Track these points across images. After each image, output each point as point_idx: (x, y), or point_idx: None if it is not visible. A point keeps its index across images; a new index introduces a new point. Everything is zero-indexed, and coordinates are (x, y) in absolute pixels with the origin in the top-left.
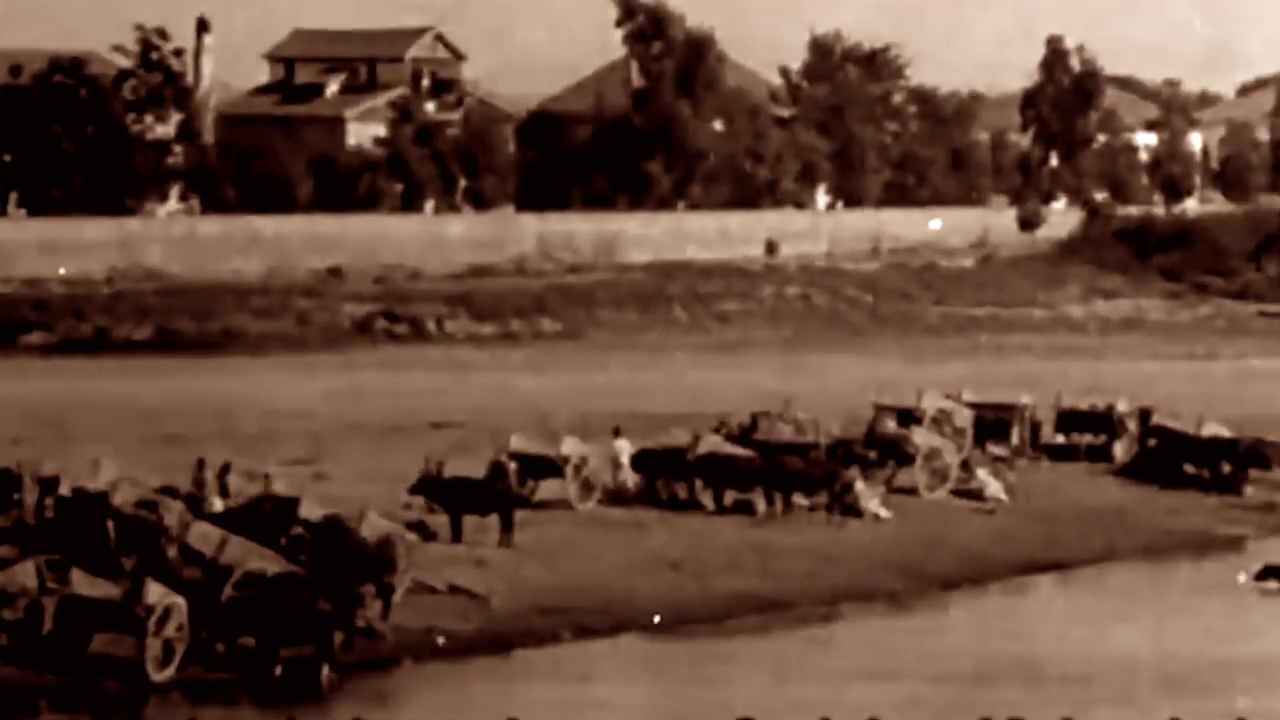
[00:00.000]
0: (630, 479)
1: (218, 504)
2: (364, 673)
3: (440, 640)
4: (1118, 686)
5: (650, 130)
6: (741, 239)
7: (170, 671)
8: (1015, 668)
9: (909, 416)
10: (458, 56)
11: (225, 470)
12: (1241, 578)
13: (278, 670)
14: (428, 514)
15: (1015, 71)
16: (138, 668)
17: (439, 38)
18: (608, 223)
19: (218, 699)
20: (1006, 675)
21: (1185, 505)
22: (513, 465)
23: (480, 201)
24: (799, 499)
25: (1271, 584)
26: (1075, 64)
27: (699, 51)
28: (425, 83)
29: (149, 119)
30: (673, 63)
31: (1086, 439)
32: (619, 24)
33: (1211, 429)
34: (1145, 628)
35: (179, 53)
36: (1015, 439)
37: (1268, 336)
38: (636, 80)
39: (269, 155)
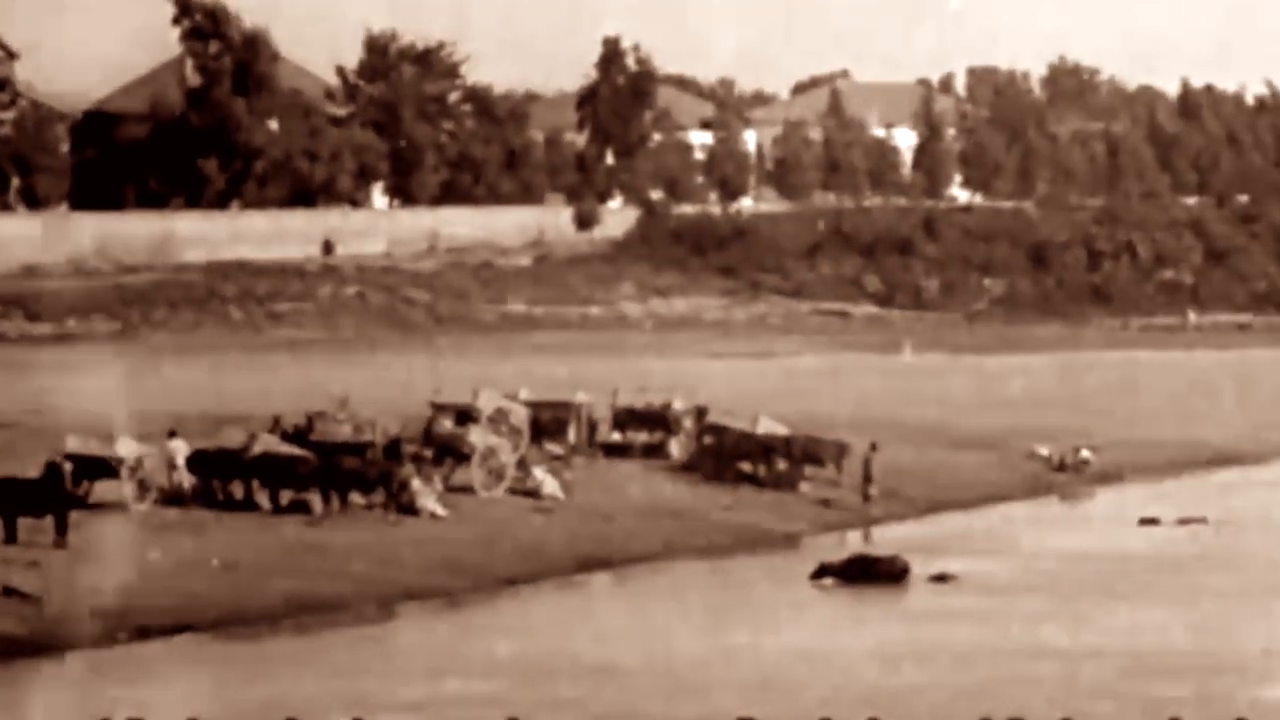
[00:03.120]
0: (186, 479)
1: None
2: None
3: None
4: (672, 682)
5: (205, 129)
6: (298, 238)
7: None
8: (569, 664)
9: (466, 415)
10: (10, 55)
11: None
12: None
13: None
14: None
15: (571, 70)
16: None
17: None
18: (163, 222)
19: None
20: (561, 671)
21: (741, 502)
22: (67, 466)
23: (34, 201)
24: (356, 498)
25: (827, 581)
26: (631, 63)
27: (255, 50)
28: None
29: None
30: (229, 61)
31: (643, 437)
32: (176, 22)
33: (767, 426)
34: (700, 624)
35: None
36: (572, 437)
37: (822, 334)
38: (192, 79)
39: None
